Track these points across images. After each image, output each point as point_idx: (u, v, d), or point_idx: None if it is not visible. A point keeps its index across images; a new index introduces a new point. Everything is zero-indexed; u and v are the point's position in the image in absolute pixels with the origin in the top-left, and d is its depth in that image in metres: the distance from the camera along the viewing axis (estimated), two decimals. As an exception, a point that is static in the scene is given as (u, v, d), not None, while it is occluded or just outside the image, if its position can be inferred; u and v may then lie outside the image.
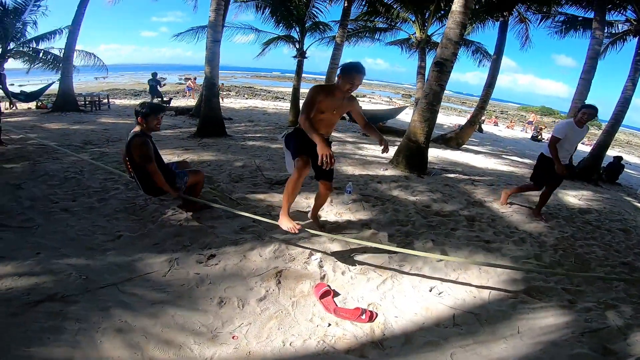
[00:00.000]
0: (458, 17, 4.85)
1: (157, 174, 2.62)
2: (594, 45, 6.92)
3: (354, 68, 2.24)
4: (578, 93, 6.96)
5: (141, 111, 2.60)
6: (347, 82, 2.23)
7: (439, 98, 5.23)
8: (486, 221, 3.52)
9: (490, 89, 9.48)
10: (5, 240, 2.36)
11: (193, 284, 2.06)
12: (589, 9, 8.38)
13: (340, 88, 2.28)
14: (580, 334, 1.89)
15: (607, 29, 8.63)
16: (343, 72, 2.27)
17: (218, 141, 6.20)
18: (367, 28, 12.22)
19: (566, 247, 3.11)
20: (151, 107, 2.65)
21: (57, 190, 3.38)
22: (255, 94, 23.65)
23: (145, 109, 2.60)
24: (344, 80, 2.24)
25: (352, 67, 2.25)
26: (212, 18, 6.41)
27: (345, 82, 2.24)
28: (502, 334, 1.89)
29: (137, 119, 2.63)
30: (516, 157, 9.61)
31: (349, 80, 2.22)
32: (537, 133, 17.36)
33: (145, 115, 2.59)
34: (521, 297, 2.23)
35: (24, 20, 9.86)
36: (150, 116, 2.61)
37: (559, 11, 9.41)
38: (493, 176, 5.83)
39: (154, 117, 2.63)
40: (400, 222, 3.23)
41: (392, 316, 1.94)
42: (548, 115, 38.83)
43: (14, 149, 4.68)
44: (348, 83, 2.23)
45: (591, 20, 7.65)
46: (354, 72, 2.23)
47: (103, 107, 10.80)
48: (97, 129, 6.88)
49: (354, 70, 2.24)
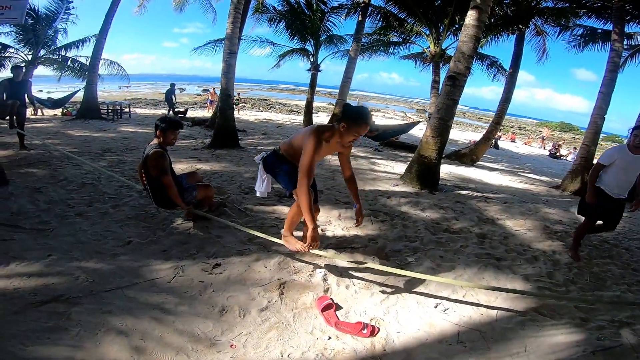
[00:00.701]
0: (471, 31, 4.85)
1: (171, 187, 2.70)
2: (613, 58, 6.73)
3: (363, 117, 1.94)
4: (597, 108, 6.75)
5: (160, 125, 2.72)
6: (352, 134, 1.94)
7: (452, 113, 5.19)
8: (498, 238, 3.42)
9: (506, 104, 9.29)
10: (19, 242, 2.46)
11: (196, 291, 2.08)
12: (608, 21, 8.22)
13: (343, 137, 1.97)
14: (592, 352, 1.81)
15: (626, 40, 8.42)
16: (351, 120, 1.93)
17: (231, 153, 6.32)
18: (381, 42, 12.34)
19: (581, 265, 2.99)
20: (170, 123, 2.77)
21: (74, 195, 3.52)
22: (270, 107, 24.09)
23: (165, 124, 2.72)
24: (350, 130, 1.93)
25: (361, 115, 1.94)
26: (229, 30, 6.60)
27: (350, 133, 1.93)
28: (508, 352, 1.82)
29: (156, 132, 2.74)
30: (533, 174, 9.36)
31: (355, 131, 1.93)
32: (555, 150, 16.89)
33: (164, 129, 2.71)
34: (530, 315, 2.15)
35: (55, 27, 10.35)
36: (169, 131, 2.73)
37: (577, 24, 9.24)
38: (507, 193, 5.68)
39: (172, 132, 2.75)
40: (408, 238, 3.18)
41: (394, 331, 1.89)
42: (567, 131, 37.81)
43: (36, 154, 4.92)
44: (354, 134, 1.94)
45: (610, 33, 7.45)
46: (363, 123, 1.93)
47: (124, 116, 11.24)
48: (117, 137, 7.15)
49: (363, 120, 1.94)
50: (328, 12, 10.39)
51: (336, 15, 10.54)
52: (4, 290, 1.90)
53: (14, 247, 2.37)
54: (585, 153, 6.89)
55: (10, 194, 3.33)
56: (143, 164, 2.75)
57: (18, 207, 3.06)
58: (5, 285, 1.95)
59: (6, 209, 2.98)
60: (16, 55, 10.11)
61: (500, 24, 9.27)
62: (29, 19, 9.71)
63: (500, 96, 9.41)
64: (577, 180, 6.74)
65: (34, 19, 9.82)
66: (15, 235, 2.55)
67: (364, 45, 11.84)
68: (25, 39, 9.88)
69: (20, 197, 3.28)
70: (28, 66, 9.35)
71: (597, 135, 6.90)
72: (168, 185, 2.68)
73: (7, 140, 5.80)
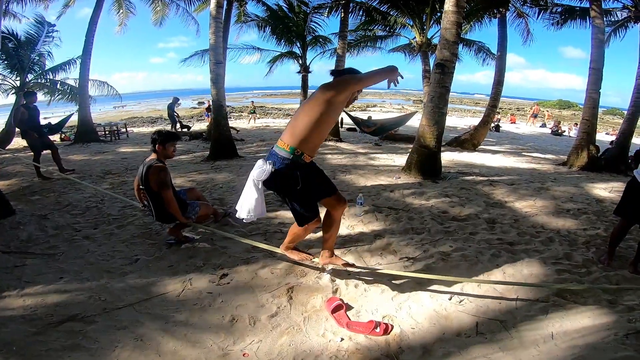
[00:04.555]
0: (452, 17, 4.85)
1: (172, 201, 2.69)
2: (596, 34, 6.81)
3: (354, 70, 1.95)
4: (591, 83, 6.82)
5: (158, 139, 2.70)
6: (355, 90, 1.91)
7: (445, 100, 5.17)
8: (508, 222, 3.37)
9: (500, 86, 9.39)
10: (32, 267, 2.51)
11: (206, 303, 2.07)
12: (584, -2, 8.26)
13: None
14: (624, 336, 1.74)
15: (607, 17, 8.52)
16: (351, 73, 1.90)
17: (230, 163, 6.32)
18: (367, 37, 12.33)
19: (599, 244, 2.91)
20: (167, 135, 2.76)
21: (79, 219, 3.54)
22: (267, 113, 24.15)
23: (163, 137, 2.71)
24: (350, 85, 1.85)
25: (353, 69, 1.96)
26: (212, 41, 6.58)
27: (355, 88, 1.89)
28: (532, 340, 1.76)
29: (154, 146, 2.72)
30: (537, 153, 9.26)
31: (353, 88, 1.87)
32: (556, 127, 16.74)
33: (163, 142, 2.70)
34: (553, 300, 2.08)
35: (39, 51, 10.21)
36: (168, 143, 2.71)
37: (555, 2, 9.32)
38: (513, 175, 5.62)
39: (171, 144, 2.74)
40: (415, 230, 3.14)
41: (408, 328, 1.85)
42: (567, 108, 37.41)
43: (39, 182, 4.95)
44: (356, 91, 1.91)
45: (588, 10, 7.55)
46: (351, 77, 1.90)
47: (122, 136, 11.28)
48: (116, 158, 7.19)
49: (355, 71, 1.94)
50: (310, 12, 10.37)
51: (319, 15, 10.53)
52: (22, 312, 1.96)
53: (27, 272, 2.41)
54: (586, 128, 6.90)
55: (17, 222, 3.36)
56: (141, 180, 2.73)
57: (27, 234, 3.09)
58: (22, 307, 2.00)
59: (16, 238, 3.02)
60: (5, 82, 10.06)
61: (480, 7, 9.36)
62: (9, 44, 9.61)
63: (493, 79, 9.50)
64: (582, 155, 6.72)
65: (15, 43, 9.73)
66: (26, 261, 2.59)
67: (351, 42, 11.84)
68: (10, 64, 9.75)
69: (28, 224, 3.32)
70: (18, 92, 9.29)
71: (595, 110, 6.94)
72: (170, 200, 2.67)
73: (9, 170, 5.86)
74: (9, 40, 9.60)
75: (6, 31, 9.60)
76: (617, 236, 2.61)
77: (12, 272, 2.41)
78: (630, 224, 2.56)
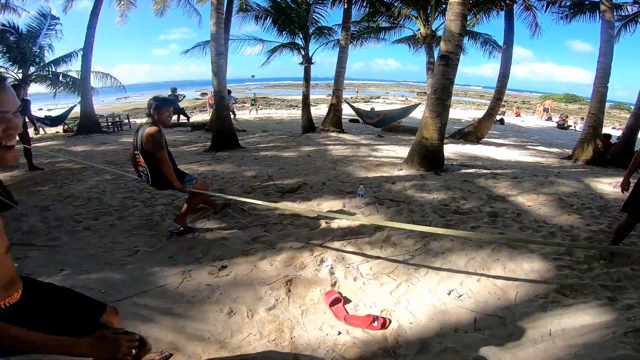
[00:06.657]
0: (457, 9, 4.75)
1: (167, 162, 2.64)
2: (606, 29, 6.69)
3: None
4: (598, 78, 6.72)
5: (154, 103, 2.66)
6: None
7: (449, 92, 5.09)
8: (510, 216, 3.33)
9: (505, 79, 9.27)
10: (33, 259, 2.51)
11: (204, 295, 2.07)
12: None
13: None
14: (623, 334, 1.72)
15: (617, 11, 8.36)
16: None
17: (232, 153, 6.31)
18: (370, 29, 12.13)
19: (602, 240, 2.88)
20: (164, 100, 2.72)
21: (81, 210, 3.55)
22: (269, 104, 24.01)
23: (158, 101, 2.67)
24: None
25: None
26: (214, 31, 6.50)
27: None
28: (530, 337, 1.75)
29: (149, 111, 2.68)
30: (542, 146, 9.15)
31: None
32: (562, 121, 16.51)
33: (159, 107, 2.64)
34: (552, 297, 2.06)
35: (40, 43, 10.27)
36: (163, 108, 2.66)
37: None
38: (517, 168, 5.55)
39: (166, 109, 2.69)
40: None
41: (406, 322, 1.85)
42: (573, 102, 36.86)
43: (41, 174, 4.97)
44: None
45: (598, 4, 7.43)
46: None
47: (124, 127, 11.29)
48: (118, 149, 7.19)
49: None
50: (313, 3, 10.20)
51: (322, 6, 10.35)
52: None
53: (28, 264, 2.42)
54: (593, 122, 6.81)
55: (20, 214, 3.38)
56: (136, 145, 2.69)
57: (29, 226, 3.11)
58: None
59: (18, 229, 3.03)
60: (7, 75, 10.13)
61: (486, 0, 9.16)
62: (11, 37, 9.67)
63: (498, 72, 9.36)
64: (588, 150, 6.66)
65: (16, 36, 9.78)
66: (28, 253, 2.60)
67: (354, 34, 11.66)
68: (12, 57, 9.82)
69: (30, 216, 3.33)
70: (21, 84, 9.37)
71: (602, 104, 6.85)
72: (164, 159, 2.62)
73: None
74: (10, 33, 9.62)
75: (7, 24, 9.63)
76: (623, 232, 2.58)
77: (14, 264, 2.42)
78: (638, 221, 2.51)
